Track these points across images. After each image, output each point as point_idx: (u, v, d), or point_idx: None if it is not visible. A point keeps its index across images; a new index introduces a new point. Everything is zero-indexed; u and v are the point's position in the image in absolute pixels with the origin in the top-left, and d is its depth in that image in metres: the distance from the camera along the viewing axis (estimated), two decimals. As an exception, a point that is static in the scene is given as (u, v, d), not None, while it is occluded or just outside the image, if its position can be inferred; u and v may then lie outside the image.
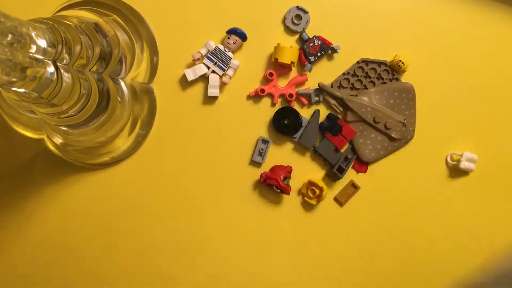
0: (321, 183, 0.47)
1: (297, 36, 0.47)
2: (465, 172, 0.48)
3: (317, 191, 0.47)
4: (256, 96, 0.47)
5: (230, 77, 0.47)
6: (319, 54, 0.46)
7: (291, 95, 0.47)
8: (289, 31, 0.47)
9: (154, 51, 0.47)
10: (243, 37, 0.46)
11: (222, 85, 0.47)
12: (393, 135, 0.47)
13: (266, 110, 0.47)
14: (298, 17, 0.47)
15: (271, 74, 0.47)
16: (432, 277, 0.49)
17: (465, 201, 0.48)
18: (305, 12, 0.46)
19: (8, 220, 0.48)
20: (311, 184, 0.47)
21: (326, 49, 0.46)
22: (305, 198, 0.47)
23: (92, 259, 0.49)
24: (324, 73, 0.47)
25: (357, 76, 0.47)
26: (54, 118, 0.39)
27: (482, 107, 0.48)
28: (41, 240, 0.48)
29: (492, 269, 0.49)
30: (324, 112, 0.47)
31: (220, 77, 0.47)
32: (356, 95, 0.47)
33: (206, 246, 0.48)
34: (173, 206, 0.48)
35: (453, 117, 0.48)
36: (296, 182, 0.48)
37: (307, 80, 0.47)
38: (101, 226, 0.48)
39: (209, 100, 0.47)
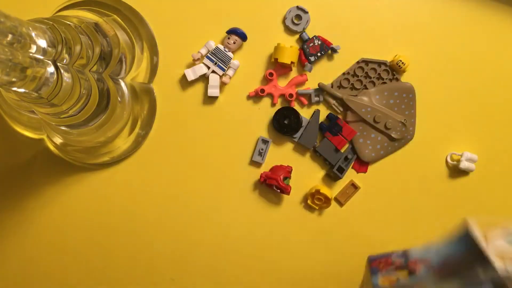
0: (330, 195, 0.47)
1: (297, 36, 0.47)
2: (465, 172, 0.48)
3: (323, 200, 0.47)
4: (256, 96, 0.47)
5: (230, 77, 0.47)
6: (319, 54, 0.46)
7: (291, 95, 0.47)
8: (289, 31, 0.47)
9: (154, 51, 0.47)
10: (243, 37, 0.46)
11: (222, 85, 0.47)
12: (393, 135, 0.47)
13: (266, 110, 0.47)
14: (298, 17, 0.47)
15: (271, 74, 0.47)
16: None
17: (465, 200, 0.48)
18: (305, 12, 0.46)
19: (8, 219, 0.48)
20: (318, 193, 0.47)
21: (326, 49, 0.46)
22: (308, 202, 0.47)
23: (91, 259, 0.49)
24: (324, 73, 0.47)
25: (357, 76, 0.47)
26: (54, 118, 0.39)
27: (482, 107, 0.48)
28: (41, 240, 0.48)
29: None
30: (324, 112, 0.47)
31: (220, 77, 0.47)
32: (356, 95, 0.47)
33: (205, 246, 0.48)
34: (172, 205, 0.48)
35: (453, 117, 0.48)
36: (296, 182, 0.48)
37: (307, 80, 0.47)
38: (100, 226, 0.48)
39: (209, 100, 0.47)
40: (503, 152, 0.48)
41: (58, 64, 0.36)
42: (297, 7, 0.46)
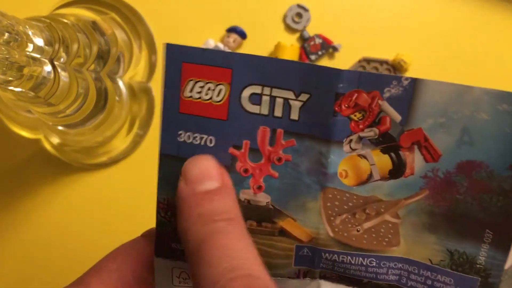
0: None
1: (297, 35, 0.47)
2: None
3: None
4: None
5: (230, 76, 0.46)
6: (320, 52, 0.46)
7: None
8: (289, 29, 0.47)
9: (152, 50, 0.47)
10: (242, 35, 0.46)
11: (222, 84, 0.47)
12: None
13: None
14: (299, 15, 0.46)
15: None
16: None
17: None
18: (306, 10, 0.46)
19: (4, 221, 0.48)
20: None
21: (327, 48, 0.46)
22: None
23: (89, 260, 0.48)
24: (325, 72, 0.47)
25: (358, 75, 0.46)
26: (51, 118, 0.38)
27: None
28: (38, 241, 0.48)
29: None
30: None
31: (220, 76, 0.46)
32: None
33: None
34: (172, 206, 0.48)
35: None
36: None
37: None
38: (99, 227, 0.48)
39: (209, 99, 0.47)
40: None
41: (55, 63, 0.35)
42: (298, 5, 0.46)
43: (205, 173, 0.22)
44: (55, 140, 0.45)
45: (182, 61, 0.22)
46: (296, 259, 0.24)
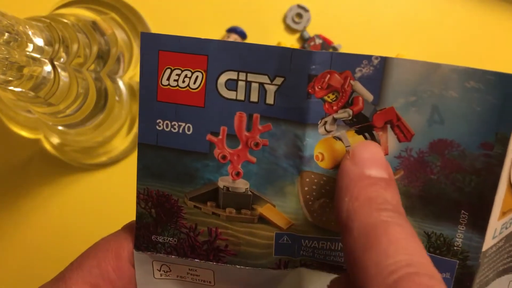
0: None
1: (297, 35, 0.47)
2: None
3: None
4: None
5: (230, 76, 0.46)
6: (320, 53, 0.46)
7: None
8: (289, 29, 0.46)
9: (152, 50, 0.47)
10: (242, 35, 0.46)
11: (222, 84, 0.47)
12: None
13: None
14: (299, 15, 0.46)
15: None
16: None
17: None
18: (306, 10, 0.46)
19: (4, 221, 0.48)
20: None
21: (327, 48, 0.46)
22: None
23: (89, 261, 0.48)
24: (325, 72, 0.47)
25: (358, 75, 0.46)
26: (51, 118, 0.38)
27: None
28: (38, 242, 0.48)
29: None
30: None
31: (220, 76, 0.46)
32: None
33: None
34: (172, 206, 0.48)
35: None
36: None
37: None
38: (99, 227, 0.48)
39: (209, 99, 0.47)
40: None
41: (55, 63, 0.35)
42: (298, 5, 0.46)
43: (377, 159, 0.20)
44: (55, 140, 0.45)
45: (158, 49, 0.22)
46: (276, 248, 0.23)
